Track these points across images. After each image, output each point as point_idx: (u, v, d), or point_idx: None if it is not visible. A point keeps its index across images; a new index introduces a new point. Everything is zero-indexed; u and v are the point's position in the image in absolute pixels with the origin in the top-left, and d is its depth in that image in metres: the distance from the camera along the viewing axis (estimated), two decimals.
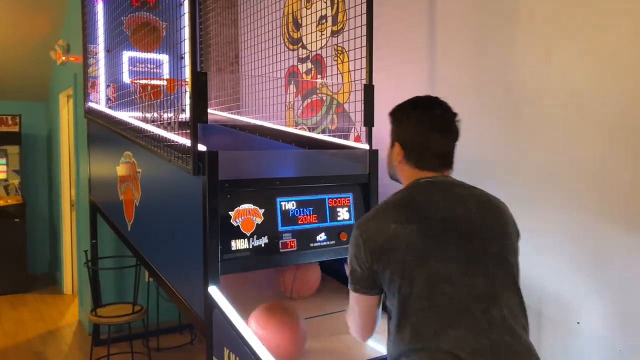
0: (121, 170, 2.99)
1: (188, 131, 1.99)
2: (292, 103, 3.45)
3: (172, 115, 2.47)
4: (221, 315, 1.83)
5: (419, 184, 1.38)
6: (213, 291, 1.89)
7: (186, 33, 2.00)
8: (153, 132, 2.42)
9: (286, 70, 3.39)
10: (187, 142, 2.00)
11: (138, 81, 3.48)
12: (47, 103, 6.09)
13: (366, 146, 2.35)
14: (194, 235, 2.01)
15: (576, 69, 1.85)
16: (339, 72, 3.05)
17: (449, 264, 1.27)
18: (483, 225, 1.33)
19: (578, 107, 1.85)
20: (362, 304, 1.41)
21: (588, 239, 1.83)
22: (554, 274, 1.94)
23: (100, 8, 3.82)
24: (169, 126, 2.36)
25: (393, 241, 1.29)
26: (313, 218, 2.16)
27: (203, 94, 1.95)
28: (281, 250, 2.07)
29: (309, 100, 3.31)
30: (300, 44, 3.41)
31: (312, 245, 2.14)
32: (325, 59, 3.19)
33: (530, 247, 1.99)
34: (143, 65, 3.90)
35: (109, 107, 3.65)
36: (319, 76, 3.24)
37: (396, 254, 1.28)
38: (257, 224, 2.03)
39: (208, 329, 1.93)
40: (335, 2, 3.07)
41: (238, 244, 1.98)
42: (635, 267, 1.69)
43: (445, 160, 1.42)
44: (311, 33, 3.30)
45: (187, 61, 2.00)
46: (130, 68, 3.86)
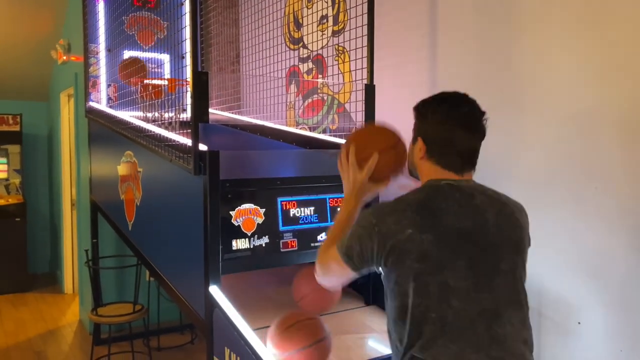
0: (122, 169, 3.00)
1: (189, 131, 1.99)
2: (293, 103, 3.45)
3: (173, 114, 2.47)
4: (222, 314, 1.83)
5: (440, 187, 1.32)
6: (214, 291, 1.89)
7: (187, 33, 2.00)
8: (154, 132, 2.42)
9: (287, 70, 3.39)
10: (188, 142, 2.00)
11: (139, 81, 3.48)
12: (48, 102, 6.09)
13: None
14: (195, 234, 2.01)
15: (577, 69, 1.85)
16: (340, 72, 3.05)
17: (459, 278, 1.24)
18: (498, 239, 1.29)
19: (580, 107, 1.85)
20: (343, 273, 1.38)
21: (589, 239, 1.83)
22: (555, 274, 1.94)
23: (101, 7, 3.82)
24: (170, 126, 2.37)
25: (405, 247, 1.25)
26: (314, 218, 2.16)
27: (204, 94, 1.96)
28: (282, 250, 2.07)
29: (310, 100, 3.31)
30: (301, 44, 3.41)
31: (313, 245, 2.14)
32: (326, 59, 3.19)
33: (531, 247, 1.99)
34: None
35: (110, 107, 3.65)
36: (320, 76, 3.24)
37: (406, 260, 1.25)
38: (258, 224, 2.03)
39: (209, 329, 1.93)
40: (336, 2, 3.07)
41: (239, 244, 1.98)
42: (636, 267, 1.69)
43: (468, 159, 1.35)
44: (312, 33, 3.30)
45: (188, 61, 2.00)
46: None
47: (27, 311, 4.88)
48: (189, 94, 2.01)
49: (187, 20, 2.01)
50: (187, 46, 2.02)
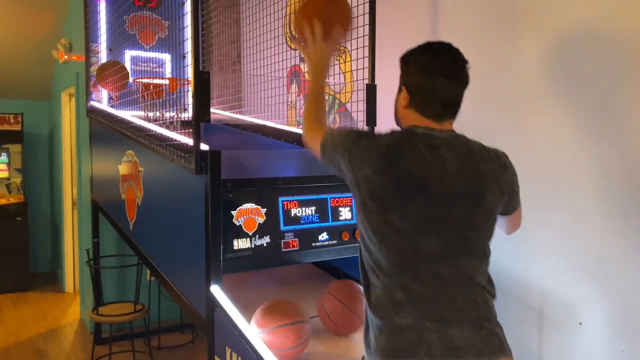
0: (123, 169, 3.00)
1: (190, 130, 1.99)
2: (294, 102, 3.45)
3: (175, 114, 2.47)
4: (223, 314, 1.83)
5: (412, 134, 1.35)
6: (215, 290, 1.89)
7: (188, 32, 2.00)
8: (155, 131, 2.42)
9: (288, 69, 3.39)
10: (190, 142, 2.00)
11: (140, 80, 3.48)
12: (49, 102, 6.09)
13: None
14: (196, 234, 2.01)
15: (578, 69, 1.85)
16: (341, 72, 3.05)
17: (406, 220, 1.29)
18: (454, 189, 1.30)
19: (581, 108, 1.85)
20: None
21: (591, 239, 1.83)
22: (556, 275, 1.94)
23: (102, 7, 3.82)
24: (172, 125, 2.37)
25: (360, 182, 1.33)
26: (315, 218, 2.16)
27: (206, 93, 1.96)
28: (283, 249, 2.07)
29: None
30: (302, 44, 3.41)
31: (314, 244, 2.14)
32: None
33: (532, 248, 1.99)
34: (145, 64, 3.91)
35: (111, 106, 3.65)
36: None
37: (360, 193, 1.33)
38: (259, 224, 2.03)
39: (210, 328, 1.93)
40: None
41: (240, 243, 1.98)
42: (637, 268, 1.69)
43: (450, 108, 1.37)
44: None
45: (190, 60, 2.00)
46: (132, 67, 3.86)
47: (28, 310, 4.88)
48: (191, 94, 2.01)
49: (189, 19, 2.01)
50: (189, 46, 2.02)
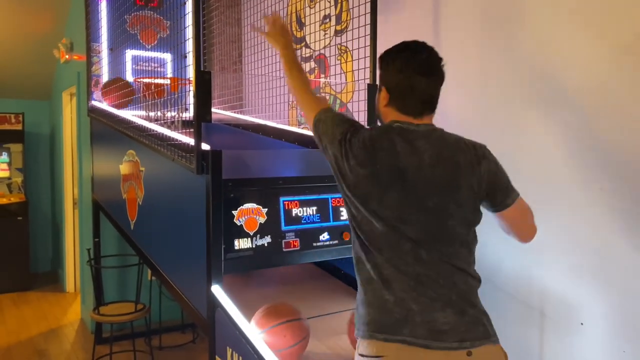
0: (124, 168, 3.00)
1: (191, 130, 1.99)
2: (295, 102, 3.45)
3: (176, 114, 2.47)
4: (224, 314, 1.83)
5: (390, 129, 1.41)
6: (216, 290, 1.89)
7: (190, 32, 2.00)
8: (156, 131, 2.42)
9: None
10: (191, 141, 2.00)
11: (141, 80, 3.48)
12: (50, 101, 6.10)
13: None
14: (197, 234, 2.01)
15: (580, 69, 1.85)
16: (343, 72, 3.05)
17: (385, 208, 1.35)
18: (430, 178, 1.36)
19: (583, 108, 1.85)
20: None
21: (591, 239, 1.82)
22: (557, 275, 1.94)
23: (103, 6, 3.82)
24: (173, 125, 2.37)
25: (346, 174, 1.40)
26: (316, 218, 2.16)
27: (207, 93, 1.96)
28: (284, 249, 2.07)
29: None
30: (303, 43, 3.41)
31: (315, 244, 2.14)
32: (328, 59, 3.19)
33: (533, 248, 1.99)
34: (147, 63, 3.91)
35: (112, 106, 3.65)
36: (323, 75, 3.24)
37: (344, 183, 1.41)
38: (260, 224, 2.03)
39: (211, 328, 1.93)
40: (339, 1, 3.07)
41: (241, 243, 1.98)
42: (639, 268, 1.69)
43: (428, 104, 1.43)
44: (315, 32, 3.30)
45: (191, 60, 2.00)
46: (133, 67, 3.86)
47: (29, 310, 4.88)
48: (192, 93, 2.01)
49: (190, 19, 2.01)
50: (190, 45, 2.02)
